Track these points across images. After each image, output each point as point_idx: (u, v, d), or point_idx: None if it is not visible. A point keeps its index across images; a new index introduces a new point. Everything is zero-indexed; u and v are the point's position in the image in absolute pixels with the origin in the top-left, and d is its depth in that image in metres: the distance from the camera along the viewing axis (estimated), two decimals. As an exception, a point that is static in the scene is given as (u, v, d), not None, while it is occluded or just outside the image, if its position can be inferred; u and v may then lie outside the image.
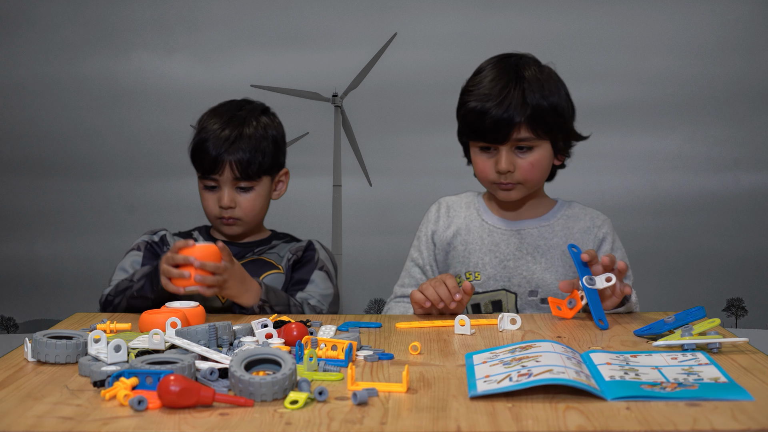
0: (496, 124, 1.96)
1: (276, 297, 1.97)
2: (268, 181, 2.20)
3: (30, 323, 7.54)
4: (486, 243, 2.10)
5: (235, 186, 2.15)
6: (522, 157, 2.01)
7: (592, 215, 2.14)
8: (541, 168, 2.03)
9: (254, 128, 2.16)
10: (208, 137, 2.14)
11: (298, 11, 7.57)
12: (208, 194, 2.18)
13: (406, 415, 1.14)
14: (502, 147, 1.99)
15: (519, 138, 1.98)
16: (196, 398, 1.17)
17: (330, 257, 2.26)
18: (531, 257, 2.08)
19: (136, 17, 7.39)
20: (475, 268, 2.09)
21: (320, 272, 2.18)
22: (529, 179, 2.03)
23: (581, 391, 1.21)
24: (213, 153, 2.12)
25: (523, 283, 2.07)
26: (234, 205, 2.15)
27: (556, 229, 2.11)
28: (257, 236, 2.27)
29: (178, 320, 1.58)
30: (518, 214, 2.13)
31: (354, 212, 7.72)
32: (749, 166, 7.72)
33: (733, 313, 7.80)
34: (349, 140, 9.96)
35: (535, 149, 2.01)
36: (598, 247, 2.10)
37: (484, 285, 2.08)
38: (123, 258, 2.18)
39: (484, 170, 2.04)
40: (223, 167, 2.12)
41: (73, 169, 7.38)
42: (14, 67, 7.35)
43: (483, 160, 2.04)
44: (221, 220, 2.17)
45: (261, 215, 2.23)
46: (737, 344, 1.50)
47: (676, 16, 7.39)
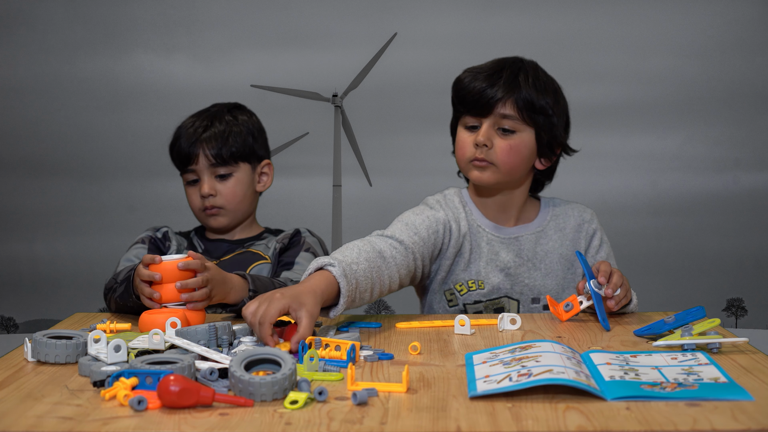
0: (482, 93, 1.98)
1: (262, 284, 1.93)
2: (247, 169, 2.22)
3: (30, 323, 7.53)
4: (485, 251, 2.08)
5: (214, 174, 2.18)
6: (502, 138, 1.99)
7: (578, 210, 2.14)
8: (519, 154, 2.00)
9: (225, 121, 2.22)
10: (182, 134, 2.21)
11: (298, 11, 7.59)
12: (191, 189, 2.22)
13: (406, 415, 1.14)
14: (484, 121, 1.99)
15: (503, 114, 1.97)
16: (196, 398, 1.17)
17: (319, 242, 2.25)
18: (531, 264, 2.08)
19: (136, 17, 7.41)
20: (477, 277, 2.07)
21: (306, 253, 2.18)
22: (505, 162, 1.99)
23: (581, 391, 1.21)
24: (186, 145, 2.18)
25: (525, 291, 2.07)
26: (214, 192, 2.18)
27: (550, 233, 2.10)
28: (249, 233, 2.27)
29: (178, 320, 1.58)
30: (508, 219, 2.09)
31: (354, 212, 7.73)
32: (749, 166, 7.74)
33: (733, 313, 7.81)
34: (349, 140, 9.94)
35: (517, 134, 1.99)
36: (589, 242, 2.11)
37: (487, 294, 2.07)
38: (127, 251, 2.18)
39: (464, 146, 2.02)
40: (197, 156, 2.17)
41: (73, 169, 7.40)
42: (14, 67, 7.36)
43: (465, 137, 2.03)
44: (205, 212, 2.19)
45: (245, 205, 2.22)
46: (737, 344, 1.50)
47: (676, 16, 7.40)
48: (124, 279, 1.90)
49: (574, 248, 2.09)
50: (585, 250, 2.10)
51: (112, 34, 9.12)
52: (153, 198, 6.86)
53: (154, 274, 1.73)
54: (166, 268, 1.74)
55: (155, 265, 1.74)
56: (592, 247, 2.11)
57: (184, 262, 1.74)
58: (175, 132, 2.24)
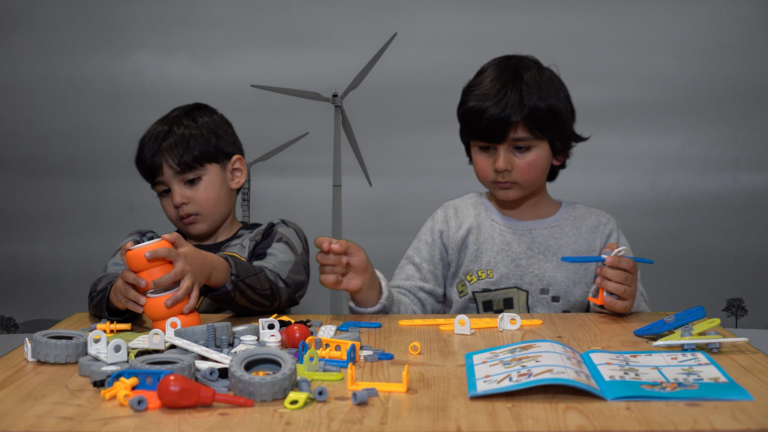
0: (493, 124, 2.00)
1: (244, 268, 1.82)
2: (217, 170, 2.15)
3: (30, 323, 7.53)
4: (497, 242, 2.12)
5: (183, 181, 2.12)
6: (519, 157, 2.04)
7: (597, 214, 2.19)
8: (538, 168, 2.06)
9: (184, 125, 2.14)
10: (144, 145, 2.13)
11: (298, 11, 7.58)
12: (165, 200, 2.16)
13: (406, 415, 1.14)
14: (500, 146, 2.03)
15: (516, 137, 2.02)
16: (196, 398, 1.17)
17: (296, 231, 2.15)
18: (542, 256, 2.11)
19: (136, 17, 7.40)
20: (487, 267, 2.11)
21: (280, 244, 2.08)
22: (526, 179, 2.06)
23: (581, 391, 1.21)
24: (149, 156, 2.11)
25: (534, 281, 2.10)
26: (186, 200, 2.11)
27: (566, 229, 2.14)
28: (230, 232, 2.21)
29: (178, 320, 1.58)
30: (524, 214, 2.16)
31: (354, 212, 7.72)
32: (749, 166, 7.72)
33: (733, 313, 7.80)
34: (349, 140, 9.95)
35: (533, 149, 2.04)
36: (605, 242, 2.14)
37: (496, 283, 2.10)
38: (114, 255, 2.14)
39: (484, 169, 2.08)
40: (161, 167, 2.11)
41: (73, 169, 7.38)
42: (14, 67, 7.35)
43: (482, 160, 2.08)
44: (182, 221, 2.14)
45: (221, 207, 2.15)
46: (737, 344, 1.50)
47: (676, 16, 7.39)
48: (102, 290, 1.82)
49: (590, 246, 2.13)
50: (601, 249, 2.11)
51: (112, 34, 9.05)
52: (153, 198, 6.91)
53: (139, 280, 1.60)
54: (135, 256, 1.61)
55: (133, 251, 1.61)
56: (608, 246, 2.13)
57: (151, 251, 1.60)
58: (139, 143, 2.16)
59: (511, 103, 1.99)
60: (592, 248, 2.12)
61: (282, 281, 1.95)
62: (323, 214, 7.70)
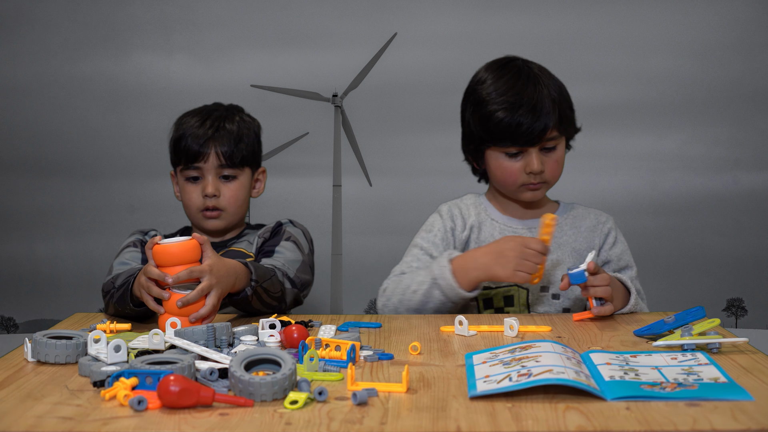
0: (531, 130, 2.00)
1: (262, 273, 1.83)
2: (249, 174, 2.20)
3: (30, 323, 7.54)
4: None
5: (219, 175, 2.14)
6: (548, 156, 2.07)
7: (596, 213, 2.21)
8: (561, 164, 2.11)
9: (236, 122, 2.17)
10: (187, 131, 2.13)
11: (298, 11, 7.57)
12: (191, 186, 2.16)
13: (406, 415, 1.14)
14: (531, 149, 2.03)
15: (549, 138, 2.04)
16: (196, 398, 1.17)
17: (302, 232, 2.19)
18: None
19: (136, 17, 7.39)
20: None
21: (287, 242, 2.12)
22: (555, 176, 2.10)
23: (581, 391, 1.21)
24: (196, 143, 2.12)
25: None
26: (218, 193, 2.13)
27: (565, 228, 2.16)
28: (235, 232, 2.25)
29: (178, 320, 1.58)
30: (524, 213, 2.16)
31: (354, 212, 7.71)
32: (749, 166, 7.72)
33: (733, 313, 7.80)
34: (349, 140, 9.94)
35: (558, 147, 2.08)
36: (604, 239, 2.16)
37: (497, 281, 2.10)
38: (118, 255, 2.13)
39: (512, 174, 2.07)
40: (207, 155, 2.12)
41: (73, 169, 7.38)
42: (14, 67, 7.35)
43: (510, 164, 2.06)
44: (204, 213, 2.15)
45: (243, 210, 2.20)
46: (737, 344, 1.50)
47: (676, 16, 7.39)
48: (123, 284, 1.82)
49: (589, 245, 2.15)
50: (600, 247, 2.13)
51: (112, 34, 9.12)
52: (153, 198, 6.87)
53: (165, 275, 1.60)
54: (175, 250, 1.60)
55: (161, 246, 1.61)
56: (606, 244, 2.17)
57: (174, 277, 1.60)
58: (177, 127, 2.17)
59: (545, 107, 2.00)
60: (591, 247, 2.13)
61: (289, 280, 1.97)
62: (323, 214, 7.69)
